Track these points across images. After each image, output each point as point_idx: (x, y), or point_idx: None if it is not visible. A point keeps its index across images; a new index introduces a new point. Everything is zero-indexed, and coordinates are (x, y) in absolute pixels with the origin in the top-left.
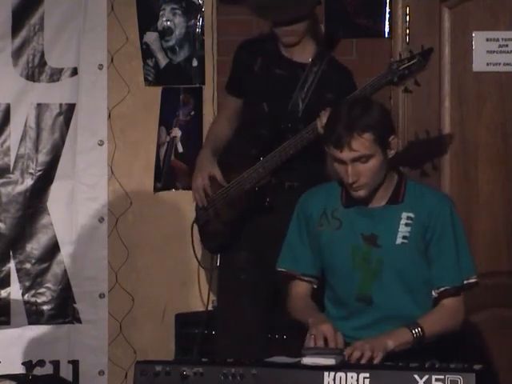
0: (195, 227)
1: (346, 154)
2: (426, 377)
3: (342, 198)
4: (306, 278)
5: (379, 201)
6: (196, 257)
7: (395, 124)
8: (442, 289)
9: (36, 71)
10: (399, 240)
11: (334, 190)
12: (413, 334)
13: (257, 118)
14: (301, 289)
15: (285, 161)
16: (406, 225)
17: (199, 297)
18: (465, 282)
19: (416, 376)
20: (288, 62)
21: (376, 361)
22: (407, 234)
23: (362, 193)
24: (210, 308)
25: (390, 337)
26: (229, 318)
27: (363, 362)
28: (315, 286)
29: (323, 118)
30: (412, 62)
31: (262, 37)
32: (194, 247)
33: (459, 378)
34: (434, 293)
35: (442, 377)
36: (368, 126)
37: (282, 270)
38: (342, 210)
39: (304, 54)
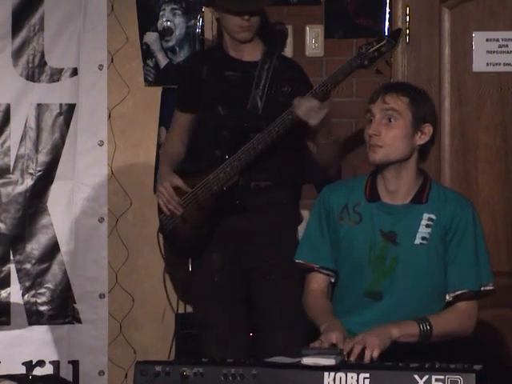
0: (160, 236)
1: (377, 105)
2: (426, 377)
3: (365, 192)
4: (324, 271)
5: (403, 199)
6: (164, 259)
7: None
8: (459, 292)
9: (36, 71)
10: (418, 240)
11: (359, 184)
12: (420, 328)
13: (215, 122)
14: (318, 284)
15: (254, 157)
16: (427, 226)
17: None
18: (482, 288)
19: (416, 376)
20: (238, 62)
21: (374, 354)
22: (427, 236)
23: (378, 155)
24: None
25: (396, 326)
26: (206, 320)
27: (367, 359)
28: (333, 280)
29: (302, 106)
30: (381, 43)
31: (207, 47)
32: (163, 256)
33: (459, 378)
34: (448, 296)
35: (442, 377)
36: (407, 93)
37: (301, 261)
38: (365, 204)
39: (254, 53)
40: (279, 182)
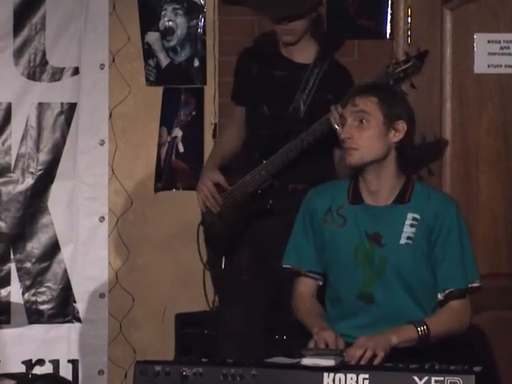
0: (201, 229)
1: (348, 109)
2: (426, 378)
3: (348, 195)
4: (311, 275)
5: (385, 199)
6: (201, 258)
7: None
8: (448, 291)
9: (37, 70)
10: (403, 240)
11: (342, 187)
12: (418, 332)
13: (258, 121)
14: (306, 287)
15: (287, 163)
16: (411, 225)
17: (199, 297)
18: (469, 285)
19: (415, 377)
20: (288, 62)
21: (377, 359)
22: (412, 235)
23: (353, 158)
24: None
25: (395, 332)
26: (230, 317)
27: (364, 361)
28: (320, 283)
29: (334, 113)
30: (408, 64)
31: (260, 42)
32: (199, 249)
33: (459, 379)
34: (439, 295)
35: (442, 378)
36: (377, 94)
37: (288, 266)
38: (348, 206)
39: (304, 54)
40: (313, 185)
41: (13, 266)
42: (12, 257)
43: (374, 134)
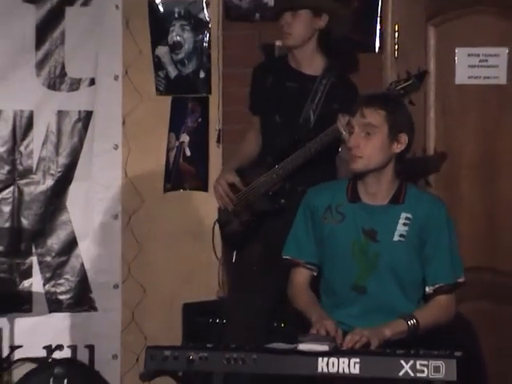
0: (216, 226)
1: (356, 119)
2: (411, 362)
3: (347, 194)
4: (308, 266)
5: (381, 200)
6: (215, 253)
7: None
8: (437, 285)
9: (57, 81)
10: (396, 237)
11: (341, 187)
12: (408, 325)
13: (271, 129)
14: (302, 277)
15: (296, 168)
16: (404, 224)
17: (205, 288)
18: (457, 280)
19: (402, 361)
20: (298, 74)
21: (372, 347)
22: (404, 233)
23: (358, 165)
24: (216, 298)
25: (387, 326)
26: (239, 305)
27: (358, 346)
28: (315, 274)
29: (342, 120)
30: (407, 83)
31: (273, 59)
32: (214, 245)
33: (441, 363)
34: (428, 289)
35: (426, 362)
36: (385, 107)
37: (287, 257)
38: (347, 205)
39: (313, 66)
40: None
41: (34, 259)
42: (34, 251)
43: (378, 145)
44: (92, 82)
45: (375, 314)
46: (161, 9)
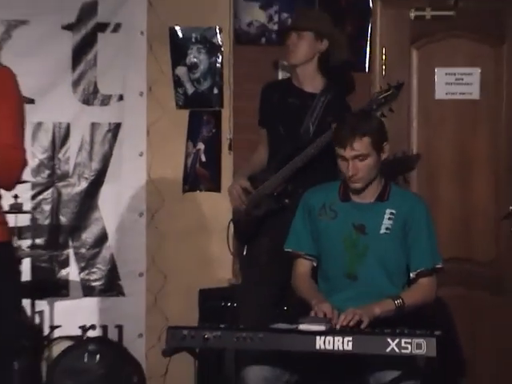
0: (231, 224)
1: (348, 152)
2: (397, 340)
3: (339, 194)
4: (308, 257)
5: (369, 198)
6: (229, 248)
7: None
8: (419, 270)
9: (90, 97)
10: (383, 230)
11: (333, 187)
12: (395, 304)
13: (276, 139)
14: (303, 268)
15: (296, 171)
16: (389, 219)
17: (218, 276)
18: (435, 266)
19: (389, 339)
20: (299, 91)
21: (363, 324)
22: (390, 226)
23: (358, 185)
24: (228, 285)
25: (377, 305)
26: (249, 292)
27: (352, 323)
28: (315, 264)
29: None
30: (388, 93)
31: (279, 80)
32: (228, 240)
33: (423, 341)
34: (412, 274)
35: (410, 340)
36: (367, 132)
37: (289, 250)
38: (339, 203)
39: (313, 85)
40: None
41: (71, 251)
42: (70, 244)
43: (371, 165)
44: (121, 97)
45: (365, 297)
46: (180, 34)
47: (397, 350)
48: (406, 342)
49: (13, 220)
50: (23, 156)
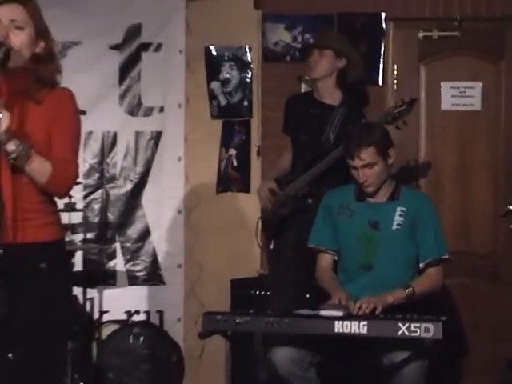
0: (259, 221)
1: (357, 162)
2: (407, 324)
3: (355, 194)
4: (329, 252)
5: (381, 198)
6: (258, 242)
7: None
8: (427, 261)
9: (135, 109)
10: (394, 226)
11: (349, 189)
12: (406, 293)
13: (299, 147)
14: (325, 261)
15: (318, 176)
16: (400, 215)
17: (248, 267)
18: (441, 257)
19: (400, 324)
20: (320, 104)
21: (377, 311)
22: (400, 222)
23: (370, 189)
24: (256, 275)
25: (390, 294)
26: (276, 282)
27: (368, 311)
28: (336, 258)
29: None
30: (401, 108)
31: (302, 93)
32: (257, 235)
33: (430, 325)
34: (420, 265)
35: (418, 324)
36: (372, 142)
37: (313, 246)
38: (355, 203)
39: (332, 98)
40: None
41: (118, 245)
42: (117, 239)
43: (379, 171)
44: (162, 109)
45: (379, 286)
46: (214, 53)
47: (407, 333)
48: (415, 326)
49: (67, 217)
50: (76, 170)
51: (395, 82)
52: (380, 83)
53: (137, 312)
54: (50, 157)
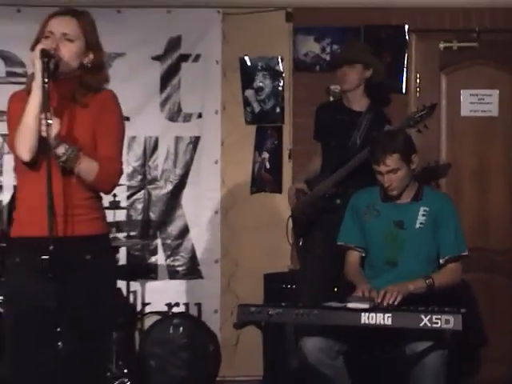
0: (290, 220)
1: (382, 168)
2: (429, 316)
3: (380, 196)
4: (357, 249)
5: (405, 199)
6: (288, 239)
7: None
8: (447, 257)
9: (175, 115)
10: (418, 225)
11: (375, 191)
12: (426, 283)
13: (328, 151)
14: (354, 258)
15: (344, 177)
16: (423, 215)
17: (280, 263)
18: (461, 253)
19: (422, 316)
20: (348, 110)
21: (398, 299)
22: (424, 222)
23: (394, 192)
24: (287, 270)
25: (411, 282)
26: (305, 276)
27: (391, 300)
28: (363, 255)
29: None
30: (423, 112)
31: (331, 100)
32: (288, 233)
33: (451, 317)
34: (441, 261)
35: (439, 316)
36: (396, 149)
37: (342, 243)
38: (380, 204)
39: (360, 105)
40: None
41: (159, 241)
42: (158, 236)
43: (403, 176)
44: (200, 115)
45: (403, 281)
46: (248, 63)
47: (428, 324)
48: (436, 318)
49: (112, 216)
50: (121, 167)
51: (418, 90)
52: (403, 91)
53: (177, 304)
54: (95, 156)
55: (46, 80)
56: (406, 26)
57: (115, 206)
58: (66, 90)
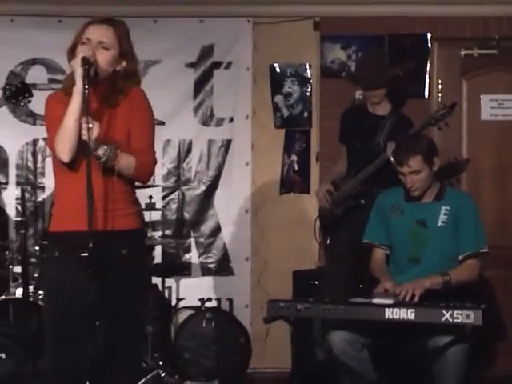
0: (317, 220)
1: (405, 169)
2: (450, 311)
3: (404, 196)
4: (382, 247)
5: (428, 198)
6: (316, 238)
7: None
8: (466, 254)
9: (208, 119)
10: (440, 223)
11: (399, 191)
12: (443, 279)
13: (353, 153)
14: (378, 255)
15: (368, 177)
16: (445, 214)
17: (308, 260)
18: (480, 250)
19: (443, 311)
20: (372, 115)
21: (416, 295)
22: (445, 220)
23: (416, 193)
24: (315, 267)
25: (428, 278)
26: (332, 273)
27: (408, 296)
28: (388, 252)
29: (389, 146)
30: (443, 111)
31: (356, 105)
32: (315, 232)
33: (471, 312)
34: (460, 257)
35: (460, 312)
36: (419, 151)
37: (367, 241)
38: (404, 203)
39: (383, 109)
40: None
41: (192, 240)
42: (192, 234)
43: (425, 177)
44: (231, 119)
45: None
46: (278, 70)
47: (450, 319)
48: (457, 313)
49: (148, 216)
50: (154, 157)
51: (440, 95)
52: (426, 96)
53: (209, 299)
54: (130, 151)
55: (87, 86)
56: (429, 35)
57: (151, 207)
58: (99, 93)
